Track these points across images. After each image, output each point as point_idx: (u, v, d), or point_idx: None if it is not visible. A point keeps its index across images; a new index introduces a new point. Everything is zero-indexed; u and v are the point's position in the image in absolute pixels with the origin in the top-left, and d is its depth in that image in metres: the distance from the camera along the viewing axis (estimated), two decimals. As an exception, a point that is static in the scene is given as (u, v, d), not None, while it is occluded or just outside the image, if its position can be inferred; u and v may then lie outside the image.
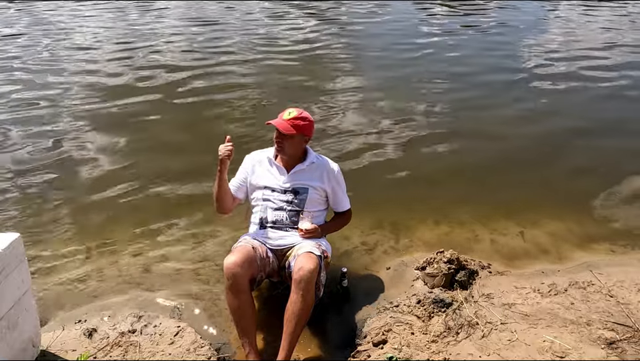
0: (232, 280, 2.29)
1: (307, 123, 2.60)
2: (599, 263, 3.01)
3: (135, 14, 11.40)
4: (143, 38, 8.95)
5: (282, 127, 2.55)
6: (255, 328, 2.37)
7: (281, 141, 2.59)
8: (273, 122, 2.58)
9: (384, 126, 5.15)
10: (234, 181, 2.76)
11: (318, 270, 2.35)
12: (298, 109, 2.63)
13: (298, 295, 2.28)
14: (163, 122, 5.29)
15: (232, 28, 9.83)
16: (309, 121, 2.62)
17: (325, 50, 8.26)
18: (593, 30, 10.10)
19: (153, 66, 7.14)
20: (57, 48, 8.16)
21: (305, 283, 2.27)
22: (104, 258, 3.12)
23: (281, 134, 2.58)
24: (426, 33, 9.65)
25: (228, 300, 2.35)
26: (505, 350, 2.26)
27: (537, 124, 5.29)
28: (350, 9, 12.14)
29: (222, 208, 2.70)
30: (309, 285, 2.29)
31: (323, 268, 2.46)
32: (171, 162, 4.38)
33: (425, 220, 3.51)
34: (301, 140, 2.62)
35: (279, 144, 2.61)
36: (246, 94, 6.04)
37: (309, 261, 2.33)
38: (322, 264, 2.44)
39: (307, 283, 2.28)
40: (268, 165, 2.71)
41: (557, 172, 4.27)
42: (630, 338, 2.33)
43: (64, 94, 5.99)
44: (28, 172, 4.16)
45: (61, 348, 2.32)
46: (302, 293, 2.28)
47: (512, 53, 8.19)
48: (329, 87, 6.37)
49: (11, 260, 1.99)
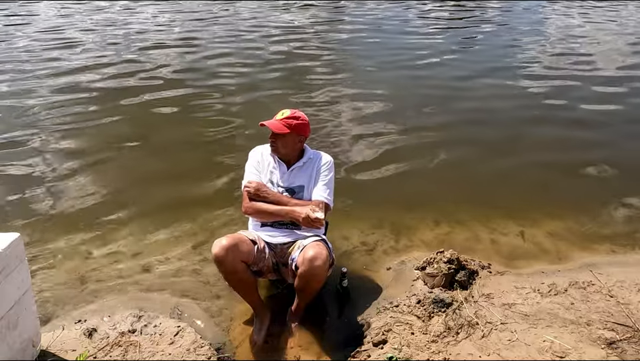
0: (221, 267, 2.38)
1: (300, 122, 2.60)
2: (599, 263, 3.01)
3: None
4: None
5: (274, 127, 2.56)
6: (256, 292, 2.56)
7: (275, 141, 2.62)
8: (266, 123, 2.59)
9: (383, 126, 5.15)
10: (253, 176, 2.68)
11: (329, 254, 2.42)
12: (292, 110, 2.64)
13: (308, 271, 2.35)
14: (163, 122, 5.30)
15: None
16: (303, 120, 2.62)
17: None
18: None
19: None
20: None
21: (316, 261, 2.33)
22: (104, 258, 3.12)
23: (275, 134, 2.59)
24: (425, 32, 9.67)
25: (225, 280, 2.48)
26: (505, 350, 2.26)
27: (537, 125, 5.29)
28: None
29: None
30: (323, 264, 2.34)
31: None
32: (171, 162, 4.39)
33: (425, 220, 3.50)
34: (295, 139, 2.62)
35: (273, 143, 2.63)
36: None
37: (317, 246, 2.40)
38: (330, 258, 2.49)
39: (320, 261, 2.34)
40: (273, 161, 2.71)
41: (557, 172, 4.27)
42: (630, 338, 2.33)
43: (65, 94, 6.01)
44: (28, 171, 4.16)
45: (61, 348, 2.31)
46: (313, 272, 2.34)
47: (522, 53, 8.20)
48: (328, 87, 6.37)
49: (11, 260, 1.98)
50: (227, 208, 3.58)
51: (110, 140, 4.79)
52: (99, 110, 5.53)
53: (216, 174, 4.11)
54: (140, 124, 5.26)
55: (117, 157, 4.46)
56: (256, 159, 2.74)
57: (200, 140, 4.82)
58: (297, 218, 2.50)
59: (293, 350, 2.43)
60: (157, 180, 4.07)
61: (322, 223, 2.45)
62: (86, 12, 11.67)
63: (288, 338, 2.49)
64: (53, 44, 8.43)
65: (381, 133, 4.97)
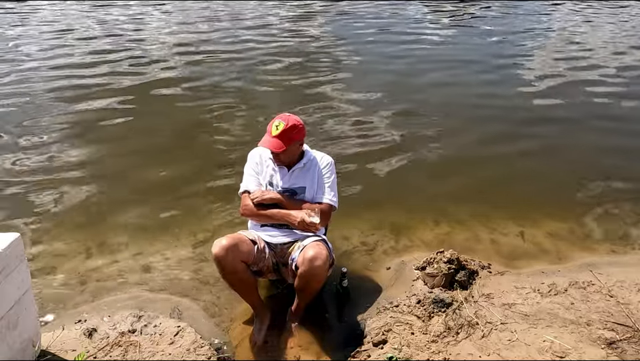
0: (221, 267, 2.37)
1: (296, 131, 2.52)
2: (599, 263, 3.01)
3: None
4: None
5: (274, 147, 2.49)
6: (256, 292, 2.57)
7: (277, 155, 2.57)
8: (265, 145, 2.52)
9: (383, 126, 5.15)
10: (252, 179, 2.68)
11: (329, 255, 2.41)
12: (284, 117, 2.52)
13: (308, 271, 2.34)
14: (163, 122, 5.29)
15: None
16: (298, 128, 2.52)
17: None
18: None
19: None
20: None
21: (316, 261, 2.33)
22: (104, 258, 3.12)
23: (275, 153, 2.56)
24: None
25: (225, 280, 2.47)
26: (505, 350, 2.26)
27: (537, 125, 5.29)
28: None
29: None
30: (323, 264, 2.34)
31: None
32: (171, 161, 4.38)
33: (425, 220, 3.51)
34: (294, 147, 2.58)
35: (276, 157, 2.60)
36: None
37: (317, 246, 2.39)
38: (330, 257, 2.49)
39: (320, 261, 2.33)
40: (272, 163, 2.69)
41: (557, 172, 4.27)
42: (630, 338, 2.33)
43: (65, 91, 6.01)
44: (28, 172, 4.16)
45: (61, 348, 2.31)
46: (313, 272, 2.34)
47: (526, 58, 8.19)
48: (328, 87, 6.37)
49: (11, 260, 1.98)
50: (227, 208, 3.58)
51: (110, 141, 4.79)
52: (99, 110, 5.53)
53: (216, 174, 4.12)
54: (140, 124, 5.25)
55: (117, 158, 4.45)
56: (254, 161, 2.72)
57: (200, 140, 4.82)
58: (292, 222, 2.49)
59: (293, 350, 2.43)
60: (157, 180, 4.07)
61: (317, 228, 2.44)
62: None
63: (288, 338, 2.49)
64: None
65: (381, 133, 4.96)
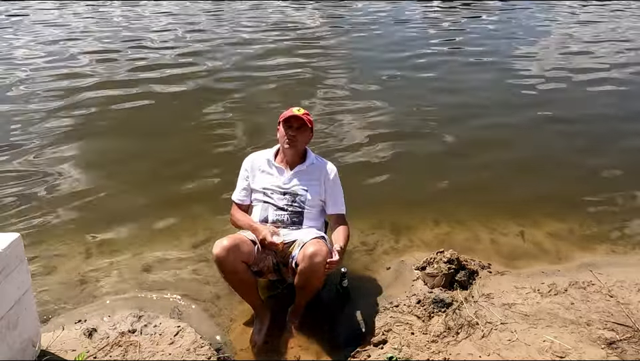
0: (222, 268, 2.37)
1: (311, 120, 2.68)
2: (599, 263, 3.01)
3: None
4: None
5: (297, 120, 2.58)
6: (257, 292, 2.56)
7: (295, 135, 2.61)
8: (287, 115, 2.60)
9: (383, 126, 5.15)
10: (240, 189, 2.79)
11: (329, 252, 2.39)
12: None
13: (308, 268, 2.32)
14: (163, 122, 5.30)
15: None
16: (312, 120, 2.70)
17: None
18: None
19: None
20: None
21: (316, 257, 2.30)
22: (104, 258, 3.12)
23: (297, 128, 2.60)
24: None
25: (226, 280, 2.47)
26: (505, 350, 2.26)
27: (537, 125, 5.29)
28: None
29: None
30: (323, 260, 2.31)
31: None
32: (171, 161, 4.38)
33: (425, 220, 3.51)
34: (309, 135, 2.70)
35: (293, 139, 2.62)
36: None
37: (317, 243, 2.38)
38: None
39: (320, 257, 2.31)
40: (267, 167, 2.73)
41: (557, 172, 4.27)
42: (630, 338, 2.33)
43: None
44: (29, 172, 4.16)
45: (61, 348, 2.31)
46: (313, 268, 2.31)
47: (509, 64, 8.18)
48: (327, 87, 6.37)
49: (11, 260, 1.98)
50: (227, 208, 3.57)
51: (110, 141, 4.79)
52: (99, 111, 5.54)
53: (216, 174, 4.12)
54: (140, 124, 5.26)
55: (117, 158, 4.45)
56: (244, 168, 2.80)
57: (200, 141, 4.82)
58: (257, 236, 2.52)
59: (293, 350, 2.43)
60: (157, 180, 4.07)
61: (278, 248, 2.44)
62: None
63: (288, 338, 2.50)
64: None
65: (381, 133, 4.97)
